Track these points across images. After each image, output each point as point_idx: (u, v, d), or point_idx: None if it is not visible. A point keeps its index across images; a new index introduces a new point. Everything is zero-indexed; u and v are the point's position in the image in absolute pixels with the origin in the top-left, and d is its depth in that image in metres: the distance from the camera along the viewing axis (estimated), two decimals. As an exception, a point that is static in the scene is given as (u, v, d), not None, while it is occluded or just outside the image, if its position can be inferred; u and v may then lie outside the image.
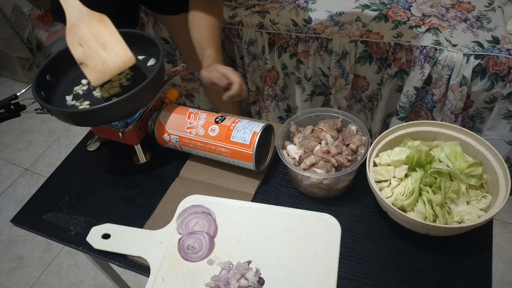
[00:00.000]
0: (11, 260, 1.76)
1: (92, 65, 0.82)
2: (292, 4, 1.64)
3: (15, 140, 2.27)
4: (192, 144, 0.88)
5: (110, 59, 0.83)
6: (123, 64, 0.84)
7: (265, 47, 1.61)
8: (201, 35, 1.05)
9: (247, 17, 1.59)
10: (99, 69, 0.83)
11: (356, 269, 0.74)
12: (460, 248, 0.75)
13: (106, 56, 0.83)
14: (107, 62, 0.83)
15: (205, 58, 1.01)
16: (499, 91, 1.37)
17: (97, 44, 0.83)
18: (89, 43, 0.83)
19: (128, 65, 0.85)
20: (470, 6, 1.53)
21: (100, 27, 0.84)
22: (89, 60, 0.82)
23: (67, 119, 0.84)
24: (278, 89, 1.71)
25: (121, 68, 0.84)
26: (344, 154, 0.82)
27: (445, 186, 0.73)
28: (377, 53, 1.46)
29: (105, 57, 0.83)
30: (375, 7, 1.57)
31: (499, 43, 1.36)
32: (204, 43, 1.04)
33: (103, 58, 0.83)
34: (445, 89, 1.43)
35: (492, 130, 1.47)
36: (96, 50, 0.83)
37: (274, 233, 0.79)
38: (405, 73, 1.47)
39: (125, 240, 0.81)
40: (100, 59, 0.83)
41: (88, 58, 0.82)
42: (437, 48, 1.38)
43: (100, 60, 0.83)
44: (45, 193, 0.95)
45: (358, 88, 1.60)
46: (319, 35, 1.51)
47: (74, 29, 0.83)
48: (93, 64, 0.83)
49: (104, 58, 0.83)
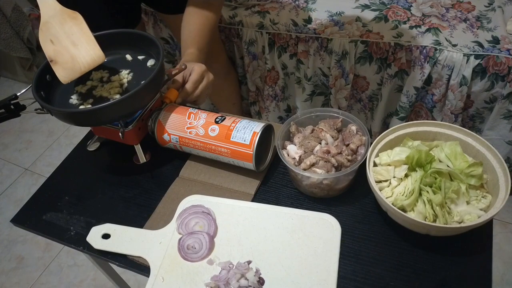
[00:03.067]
0: (11, 260, 1.76)
1: (61, 62, 0.83)
2: (292, 4, 1.64)
3: (15, 140, 2.28)
4: (192, 144, 0.88)
5: (80, 57, 0.83)
6: (92, 61, 0.84)
7: (265, 47, 1.61)
8: (189, 33, 1.07)
9: (247, 17, 1.59)
10: (69, 66, 0.83)
11: (356, 269, 0.74)
12: (460, 248, 0.75)
13: (76, 53, 0.83)
14: (76, 59, 0.83)
15: (185, 56, 1.04)
16: (499, 91, 1.37)
17: (67, 41, 0.84)
18: (60, 40, 0.83)
19: (97, 62, 0.85)
20: (470, 6, 1.53)
21: (72, 24, 0.84)
22: (58, 57, 0.83)
23: (67, 119, 0.84)
24: (278, 89, 1.72)
25: (90, 66, 0.85)
26: (344, 154, 0.82)
27: (445, 186, 0.73)
28: (377, 53, 1.46)
29: (74, 54, 0.83)
30: (375, 7, 1.57)
31: (499, 43, 1.36)
32: (188, 42, 1.06)
33: (72, 55, 0.83)
34: (445, 89, 1.43)
35: (492, 130, 1.47)
36: (66, 47, 0.83)
37: (274, 233, 0.79)
38: (405, 73, 1.47)
39: (125, 240, 0.81)
40: (70, 56, 0.83)
41: (58, 55, 0.83)
42: (437, 48, 1.38)
43: (69, 57, 0.83)
44: (45, 193, 0.95)
45: (358, 88, 1.60)
46: (319, 35, 1.51)
47: (47, 26, 0.84)
48: (63, 61, 0.83)
49: (73, 55, 0.83)
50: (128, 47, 0.96)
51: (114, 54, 0.96)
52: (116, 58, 0.96)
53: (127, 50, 0.96)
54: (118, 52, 0.96)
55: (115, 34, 0.96)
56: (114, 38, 0.95)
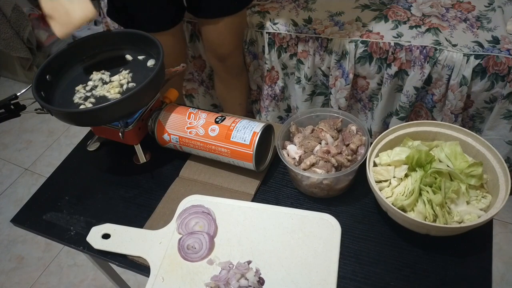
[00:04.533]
0: (11, 260, 1.76)
1: (57, 17, 0.86)
2: (292, 4, 1.64)
3: (15, 140, 2.27)
4: (192, 144, 0.88)
5: (73, 11, 0.86)
6: (85, 16, 0.87)
7: (265, 47, 1.61)
8: None
9: (247, 17, 1.59)
10: (63, 20, 0.86)
11: (356, 269, 0.74)
12: (460, 248, 0.75)
13: (70, 7, 0.86)
14: (70, 14, 0.86)
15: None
16: (499, 91, 1.37)
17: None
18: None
19: (89, 17, 0.88)
20: (470, 6, 1.53)
21: None
22: (55, 12, 0.86)
23: (67, 119, 0.84)
24: (278, 89, 1.71)
25: (83, 20, 0.87)
26: (344, 154, 0.82)
27: (445, 186, 0.73)
28: (377, 53, 1.46)
29: (69, 9, 0.86)
30: (375, 7, 1.57)
31: (499, 43, 1.36)
32: None
33: (66, 9, 0.86)
34: (445, 89, 1.43)
35: (492, 130, 1.47)
36: (62, 2, 0.86)
37: (274, 233, 0.79)
38: (405, 73, 1.47)
39: (125, 240, 0.81)
40: (64, 10, 0.86)
41: (54, 11, 0.86)
42: (437, 48, 1.38)
43: (64, 11, 0.86)
44: (45, 193, 0.95)
45: (358, 88, 1.60)
46: (319, 35, 1.51)
47: None
48: (58, 16, 0.86)
49: (67, 10, 0.86)
50: (128, 47, 0.96)
51: (114, 54, 0.96)
52: (116, 58, 0.96)
53: (127, 50, 0.96)
54: (118, 52, 0.96)
55: (115, 34, 0.96)
56: (114, 38, 0.95)
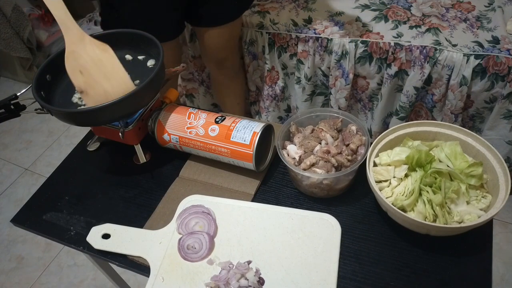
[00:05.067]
0: (11, 260, 1.76)
1: (93, 95, 0.81)
2: (292, 4, 1.64)
3: (15, 140, 2.27)
4: (192, 144, 0.88)
5: (112, 90, 0.81)
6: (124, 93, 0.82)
7: (265, 47, 1.61)
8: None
9: (247, 17, 1.59)
10: (100, 99, 0.80)
11: (356, 269, 0.74)
12: (460, 248, 0.75)
13: (108, 87, 0.81)
14: (109, 93, 0.81)
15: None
16: (499, 91, 1.37)
17: (99, 73, 0.81)
18: (91, 72, 0.81)
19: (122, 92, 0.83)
20: (470, 6, 1.53)
21: (102, 57, 0.82)
22: (90, 89, 0.81)
23: (67, 119, 0.84)
24: (278, 89, 1.71)
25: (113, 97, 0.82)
26: (344, 154, 0.82)
27: (445, 186, 0.73)
28: (377, 53, 1.46)
29: (107, 88, 0.81)
30: (375, 7, 1.57)
31: (499, 43, 1.36)
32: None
33: (105, 89, 0.81)
34: (445, 89, 1.43)
35: (492, 130, 1.47)
36: (99, 80, 0.81)
37: (274, 233, 0.79)
38: (405, 73, 1.47)
39: (125, 240, 0.81)
40: (103, 89, 0.81)
41: (89, 88, 0.81)
42: (437, 48, 1.38)
43: (102, 90, 0.81)
44: (45, 193, 0.95)
45: (358, 88, 1.60)
46: (319, 35, 1.51)
47: (74, 55, 0.81)
48: (94, 93, 0.81)
49: (106, 89, 0.81)
50: (128, 47, 0.96)
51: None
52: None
53: (127, 50, 0.96)
54: (118, 52, 0.96)
55: (115, 34, 0.96)
56: (114, 38, 0.95)
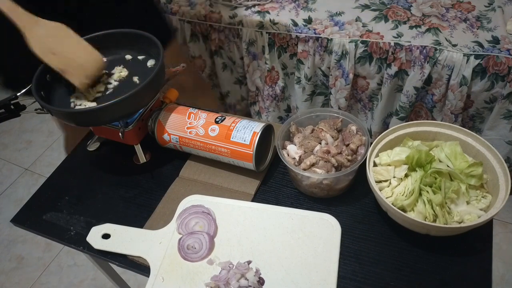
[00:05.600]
0: (11, 260, 1.76)
1: (72, 71, 0.84)
2: (292, 4, 1.64)
3: (15, 140, 2.28)
4: (192, 144, 0.88)
5: (87, 64, 0.86)
6: (98, 67, 0.88)
7: (265, 47, 1.61)
8: None
9: (247, 17, 1.59)
10: (81, 73, 0.85)
11: (356, 269, 0.74)
12: (460, 248, 0.75)
13: (81, 60, 0.85)
14: (84, 66, 0.85)
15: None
16: (499, 91, 1.37)
17: (68, 50, 0.84)
18: (61, 50, 0.84)
19: (102, 67, 0.89)
20: (470, 6, 1.53)
21: (62, 34, 0.85)
22: (68, 67, 0.84)
23: (67, 119, 0.84)
24: (278, 89, 1.71)
25: (98, 71, 0.88)
26: (344, 154, 0.82)
27: (445, 186, 0.73)
28: (377, 53, 1.46)
29: (80, 61, 0.85)
30: (375, 7, 1.57)
31: (499, 43, 1.36)
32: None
33: (79, 62, 0.85)
34: (445, 89, 1.43)
35: (492, 130, 1.47)
36: (71, 56, 0.84)
37: (274, 233, 0.79)
38: (405, 73, 1.47)
39: (125, 240, 0.81)
40: (77, 64, 0.85)
41: (67, 66, 0.84)
42: (437, 48, 1.38)
43: (77, 64, 0.85)
44: (45, 193, 0.94)
45: (358, 88, 1.60)
46: (319, 35, 1.51)
47: (39, 39, 0.82)
48: (73, 70, 0.84)
49: (80, 63, 0.85)
50: (128, 47, 0.96)
51: (114, 54, 0.96)
52: (116, 58, 0.96)
53: (127, 50, 0.96)
54: (118, 52, 0.96)
55: (115, 34, 0.96)
56: (114, 38, 0.95)
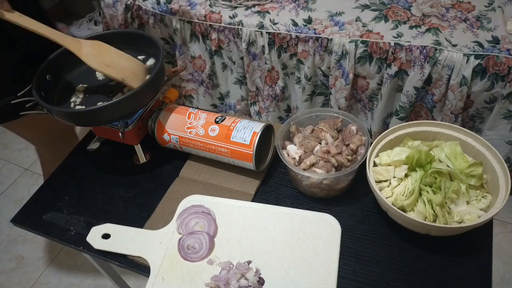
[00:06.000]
0: (11, 260, 1.76)
1: (130, 78, 0.88)
2: (292, 4, 1.64)
3: (15, 140, 2.27)
4: (192, 144, 0.88)
5: (137, 70, 0.90)
6: (144, 72, 0.91)
7: (265, 47, 1.61)
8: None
9: (247, 17, 1.59)
10: (136, 79, 0.88)
11: (356, 269, 0.74)
12: (460, 248, 0.75)
13: (130, 67, 0.89)
14: (134, 72, 0.89)
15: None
16: (499, 91, 1.37)
17: (116, 61, 0.88)
18: (112, 63, 0.88)
19: (147, 71, 0.92)
20: (470, 6, 1.53)
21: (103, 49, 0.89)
22: (125, 75, 0.88)
23: (67, 119, 0.84)
24: (278, 89, 1.71)
25: (145, 75, 0.91)
26: (344, 154, 0.82)
27: (445, 186, 0.73)
28: (377, 53, 1.46)
29: (130, 68, 0.89)
30: (375, 7, 1.57)
31: (499, 43, 1.36)
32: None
33: (132, 71, 0.89)
34: (445, 89, 1.43)
35: (492, 130, 1.47)
36: (123, 66, 0.89)
37: (274, 233, 0.79)
38: (405, 73, 1.47)
39: (125, 240, 0.81)
40: (130, 72, 0.89)
41: (124, 74, 0.88)
42: (437, 48, 1.38)
43: (131, 73, 0.89)
44: (45, 193, 0.95)
45: (358, 88, 1.60)
46: (319, 35, 1.51)
47: (90, 55, 0.86)
48: (130, 76, 0.88)
49: (133, 71, 0.89)
50: (128, 47, 0.96)
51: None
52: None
53: (127, 50, 0.96)
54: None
55: (115, 34, 0.96)
56: (114, 38, 0.95)
